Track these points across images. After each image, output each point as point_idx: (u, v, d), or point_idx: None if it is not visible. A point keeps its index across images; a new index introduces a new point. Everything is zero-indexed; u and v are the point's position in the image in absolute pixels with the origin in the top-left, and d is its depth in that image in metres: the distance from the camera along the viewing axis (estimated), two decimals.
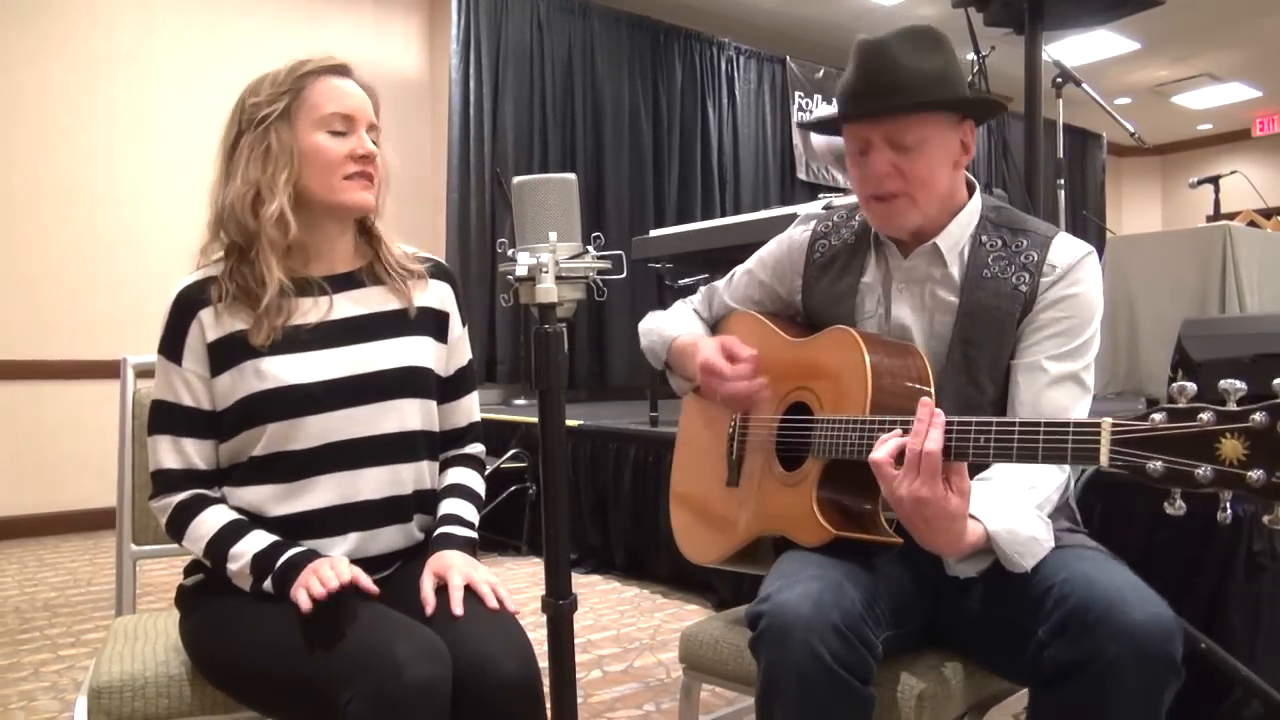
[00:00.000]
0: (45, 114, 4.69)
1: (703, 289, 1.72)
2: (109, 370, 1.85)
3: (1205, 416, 0.90)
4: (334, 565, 1.21)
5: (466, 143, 5.79)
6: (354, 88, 1.37)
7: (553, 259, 1.03)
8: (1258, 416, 0.87)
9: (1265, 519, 0.86)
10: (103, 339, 4.76)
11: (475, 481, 1.49)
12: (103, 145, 4.85)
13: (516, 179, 1.11)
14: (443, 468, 1.49)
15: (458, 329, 1.49)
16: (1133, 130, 3.97)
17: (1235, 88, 9.14)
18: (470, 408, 1.52)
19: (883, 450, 1.14)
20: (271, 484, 1.31)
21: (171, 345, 1.32)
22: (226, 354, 1.31)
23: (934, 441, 1.10)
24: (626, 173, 6.45)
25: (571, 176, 1.11)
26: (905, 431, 1.14)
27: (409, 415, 1.38)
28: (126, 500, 1.61)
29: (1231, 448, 0.88)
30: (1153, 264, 3.80)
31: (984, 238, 1.41)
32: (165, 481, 1.33)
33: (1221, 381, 0.90)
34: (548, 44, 6.15)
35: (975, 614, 1.27)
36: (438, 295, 1.47)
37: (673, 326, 1.62)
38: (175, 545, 1.62)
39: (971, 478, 1.15)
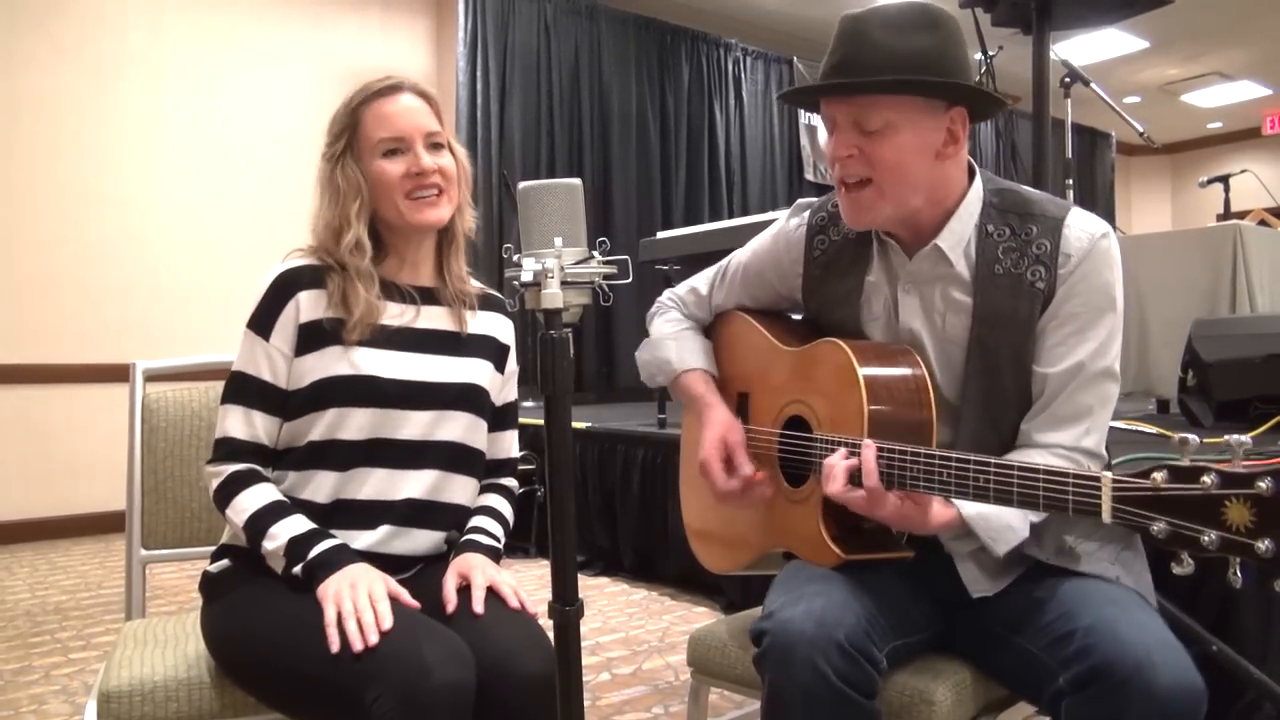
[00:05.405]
0: (53, 117, 4.71)
1: (693, 284, 1.63)
2: (118, 374, 1.86)
3: (1209, 480, 0.87)
4: (372, 591, 1.22)
5: (474, 145, 5.78)
6: (402, 105, 1.41)
7: (558, 264, 1.03)
8: (1264, 484, 0.84)
9: (1276, 585, 0.84)
10: (112, 342, 4.79)
11: (506, 509, 1.54)
12: (111, 148, 4.87)
13: (522, 184, 1.11)
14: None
15: (513, 364, 1.56)
16: (1142, 129, 3.96)
17: (1245, 86, 9.10)
18: (512, 442, 1.58)
19: (835, 484, 1.18)
20: (322, 469, 1.35)
21: (263, 320, 1.37)
22: (316, 336, 1.37)
23: (870, 477, 1.15)
24: (634, 174, 6.45)
25: (577, 182, 1.11)
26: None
27: (465, 429, 1.44)
28: (136, 504, 1.62)
29: (1238, 513, 0.85)
30: (1163, 264, 3.78)
31: (990, 227, 1.31)
32: (228, 449, 1.36)
33: (1229, 436, 0.87)
34: (554, 46, 6.15)
35: (992, 635, 1.26)
36: (500, 327, 1.55)
37: (675, 356, 1.56)
38: (184, 549, 1.65)
39: None
